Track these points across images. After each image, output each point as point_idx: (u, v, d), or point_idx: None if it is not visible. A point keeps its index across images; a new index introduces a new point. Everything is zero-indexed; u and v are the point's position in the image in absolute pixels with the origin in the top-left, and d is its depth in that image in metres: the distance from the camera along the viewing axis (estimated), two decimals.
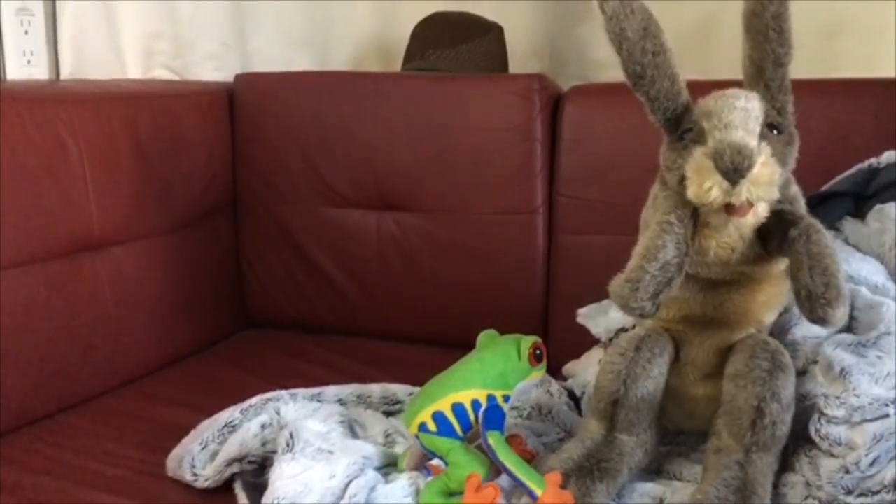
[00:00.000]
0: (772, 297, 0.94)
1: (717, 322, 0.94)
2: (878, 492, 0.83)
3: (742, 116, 0.85)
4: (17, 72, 1.47)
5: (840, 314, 0.82)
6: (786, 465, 0.93)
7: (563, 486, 0.89)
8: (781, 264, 0.91)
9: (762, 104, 0.88)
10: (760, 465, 0.88)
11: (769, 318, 0.96)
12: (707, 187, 0.82)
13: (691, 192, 0.85)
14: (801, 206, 0.93)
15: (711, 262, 0.90)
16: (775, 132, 0.87)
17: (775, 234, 0.87)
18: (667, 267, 0.84)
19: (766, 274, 0.92)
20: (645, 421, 0.95)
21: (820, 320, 0.82)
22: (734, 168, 0.81)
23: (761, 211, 0.86)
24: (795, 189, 0.93)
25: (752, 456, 0.88)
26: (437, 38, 1.60)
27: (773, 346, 0.92)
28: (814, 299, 0.82)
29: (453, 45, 1.58)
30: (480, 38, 1.58)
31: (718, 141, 0.84)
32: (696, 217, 0.88)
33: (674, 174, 0.89)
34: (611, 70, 0.92)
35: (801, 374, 0.96)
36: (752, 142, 0.83)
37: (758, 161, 0.82)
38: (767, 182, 0.82)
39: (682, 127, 0.89)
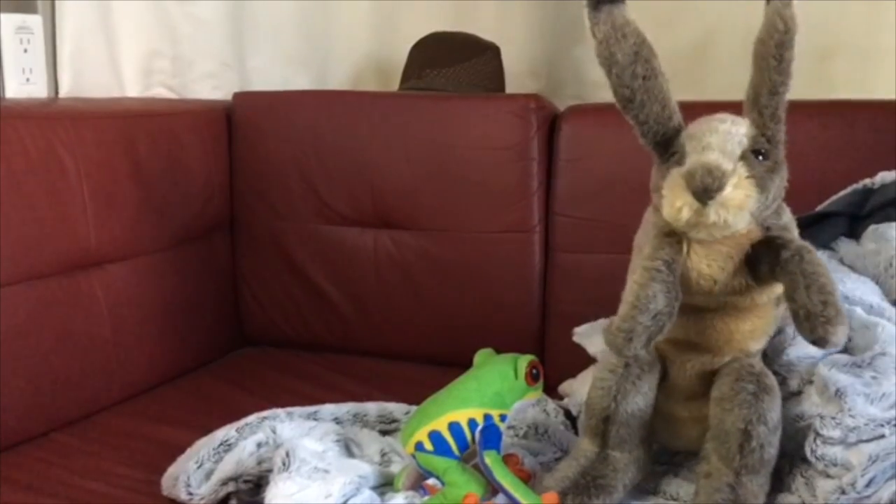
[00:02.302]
0: (757, 327, 0.93)
1: (700, 347, 0.94)
2: None
3: (722, 139, 0.86)
4: (16, 89, 1.47)
5: (840, 332, 0.81)
6: (781, 485, 0.94)
7: None
8: (768, 294, 0.91)
9: (751, 130, 0.87)
10: (751, 486, 0.88)
11: (755, 346, 0.95)
12: (678, 207, 0.84)
13: (665, 213, 0.86)
14: (794, 234, 0.92)
15: (694, 291, 0.91)
16: (760, 158, 0.87)
17: (765, 259, 0.87)
18: (659, 317, 0.85)
19: (752, 304, 0.92)
20: (636, 437, 0.96)
21: (821, 340, 0.81)
22: (703, 188, 0.82)
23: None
24: (787, 218, 0.93)
25: (741, 478, 0.88)
26: (435, 57, 1.61)
27: (758, 368, 0.92)
28: (813, 318, 0.81)
29: (451, 64, 1.59)
30: (478, 57, 1.59)
31: (693, 161, 0.85)
32: (680, 245, 0.89)
33: (658, 196, 0.90)
34: (607, 90, 0.93)
35: (797, 394, 0.96)
36: (727, 164, 0.84)
37: (729, 183, 0.82)
38: (738, 205, 0.83)
39: (671, 150, 0.90)
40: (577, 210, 1.43)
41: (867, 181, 1.18)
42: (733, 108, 0.92)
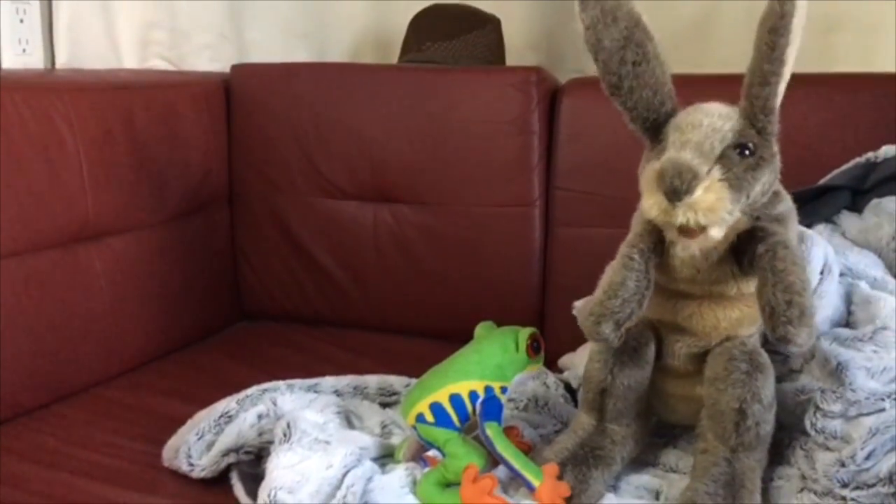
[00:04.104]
0: (746, 315, 0.92)
1: (688, 331, 0.94)
2: (874, 485, 0.84)
3: (702, 136, 0.83)
4: (12, 60, 1.46)
5: (804, 334, 0.80)
6: (781, 458, 0.94)
7: (560, 477, 0.90)
8: (755, 285, 0.90)
9: (739, 123, 0.85)
10: (748, 461, 0.89)
11: (744, 332, 0.93)
12: (649, 204, 0.83)
13: (641, 206, 0.85)
14: (790, 225, 0.90)
15: (677, 277, 0.91)
16: (747, 152, 0.84)
17: (748, 251, 0.86)
18: (626, 304, 0.87)
19: (738, 293, 0.91)
20: (633, 410, 0.96)
21: (782, 339, 0.80)
22: (672, 189, 0.81)
23: (714, 235, 0.83)
24: (783, 208, 0.90)
25: (738, 454, 0.89)
26: (435, 30, 1.60)
27: (751, 346, 0.92)
28: (776, 317, 0.80)
29: (450, 37, 1.57)
30: (478, 30, 1.58)
31: (666, 159, 0.83)
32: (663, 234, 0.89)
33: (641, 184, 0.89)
34: None
35: (798, 372, 0.96)
36: (701, 165, 0.81)
37: (700, 186, 0.80)
38: (707, 208, 0.81)
39: (660, 136, 0.88)
40: (577, 184, 1.43)
41: (870, 155, 1.18)
42: (735, 81, 0.90)
